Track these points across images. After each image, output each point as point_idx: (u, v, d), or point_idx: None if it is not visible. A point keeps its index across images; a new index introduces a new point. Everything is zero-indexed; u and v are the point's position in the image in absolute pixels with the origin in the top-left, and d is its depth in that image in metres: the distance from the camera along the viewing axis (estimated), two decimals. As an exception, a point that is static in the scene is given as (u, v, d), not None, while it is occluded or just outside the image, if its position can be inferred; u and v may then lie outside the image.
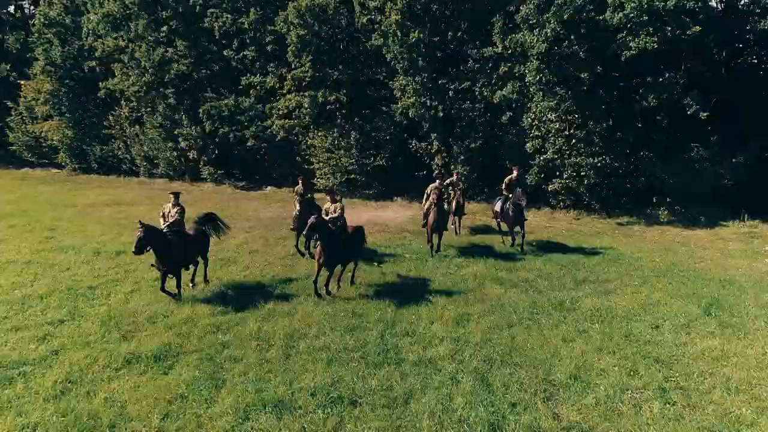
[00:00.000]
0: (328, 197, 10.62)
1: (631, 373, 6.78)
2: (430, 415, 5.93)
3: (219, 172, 23.92)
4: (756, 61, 17.67)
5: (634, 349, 7.43)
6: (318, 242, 9.67)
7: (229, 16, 21.07)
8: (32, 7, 33.22)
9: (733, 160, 16.70)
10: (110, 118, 26.23)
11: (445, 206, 13.14)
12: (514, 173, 13.55)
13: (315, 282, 9.59)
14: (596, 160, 16.43)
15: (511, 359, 7.21)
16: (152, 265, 9.52)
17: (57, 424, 5.81)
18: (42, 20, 26.17)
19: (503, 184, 13.64)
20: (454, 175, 15.40)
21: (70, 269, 11.49)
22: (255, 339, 7.89)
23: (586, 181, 16.69)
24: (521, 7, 15.76)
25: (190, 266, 10.33)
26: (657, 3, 14.08)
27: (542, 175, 17.21)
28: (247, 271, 11.41)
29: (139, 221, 9.11)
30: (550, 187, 17.23)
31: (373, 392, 6.42)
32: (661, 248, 13.36)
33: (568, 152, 16.66)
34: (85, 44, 25.89)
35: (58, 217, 16.97)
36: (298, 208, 12.11)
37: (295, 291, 9.95)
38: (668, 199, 16.65)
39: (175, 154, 24.57)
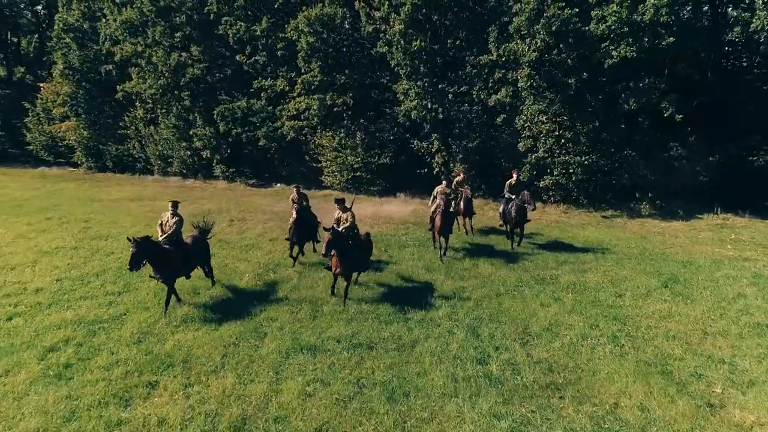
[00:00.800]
0: (338, 207, 10.38)
1: (592, 327, 8.61)
2: (431, 354, 7.74)
3: (231, 170, 25.75)
4: (732, 68, 19.62)
5: (598, 311, 9.26)
6: (332, 252, 9.40)
7: (242, 24, 22.90)
8: (43, 10, 35.12)
9: (711, 159, 18.56)
10: (126, 119, 28.04)
11: (451, 208, 13.16)
12: (514, 176, 14.31)
13: (333, 292, 9.97)
14: (583, 159, 18.27)
15: (497, 318, 9.04)
16: (150, 276, 9.57)
17: (142, 360, 7.63)
18: (61, 25, 27.98)
19: (505, 188, 14.27)
20: (461, 174, 15.88)
21: (114, 253, 13.29)
22: (286, 305, 9.71)
23: (574, 177, 18.53)
24: (514, 19, 17.59)
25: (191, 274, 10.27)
26: (635, 16, 15.94)
27: (534, 173, 19.04)
28: (270, 255, 13.20)
29: (129, 238, 8.93)
30: (542, 184, 19.05)
31: (386, 340, 8.25)
32: (638, 237, 15.19)
33: (557, 151, 18.50)
34: (103, 49, 27.72)
35: (88, 211, 18.80)
36: (294, 217, 12.08)
37: (313, 270, 11.74)
38: (649, 194, 18.47)
39: (188, 153, 26.40)
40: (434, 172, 20.88)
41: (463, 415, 6.17)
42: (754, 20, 15.45)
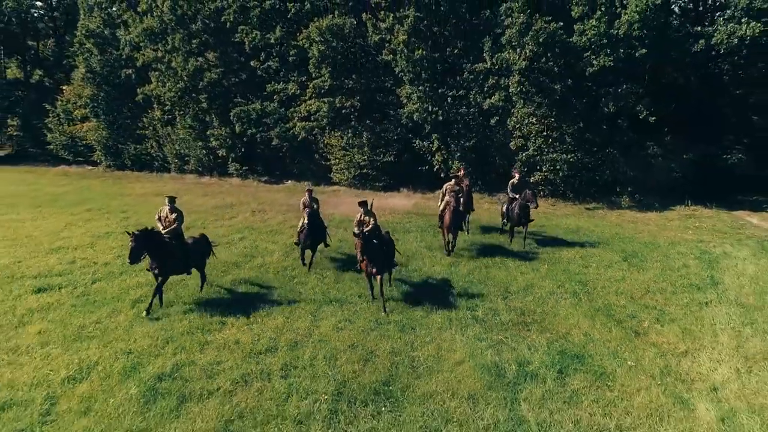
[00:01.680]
0: (362, 209, 10.97)
1: (559, 286, 11.14)
2: (431, 304, 10.24)
3: (244, 168, 28.29)
4: (707, 75, 22.16)
5: (566, 276, 11.80)
6: (364, 256, 10.01)
7: (258, 32, 25.47)
8: (61, 15, 37.69)
9: (684, 157, 21.15)
10: (144, 119, 30.60)
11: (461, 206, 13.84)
12: (516, 176, 15.33)
13: (373, 295, 10.41)
14: (569, 156, 20.84)
15: (484, 282, 11.57)
16: (148, 269, 10.12)
17: (209, 307, 10.13)
18: (83, 32, 30.56)
19: (508, 188, 15.29)
20: (461, 170, 16.67)
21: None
22: (313, 273, 12.24)
23: (561, 173, 21.09)
24: (506, 31, 20.20)
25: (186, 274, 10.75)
26: (612, 30, 18.54)
27: (525, 169, 21.56)
28: (292, 237, 15.70)
29: (128, 232, 9.53)
30: (531, 179, 21.57)
31: (396, 297, 10.77)
32: (614, 225, 17.74)
33: (545, 150, 21.06)
34: (123, 54, 30.30)
35: (122, 204, 21.34)
36: (305, 221, 12.45)
37: (331, 251, 14.24)
38: (629, 189, 21.05)
39: (204, 152, 28.95)
40: (434, 170, 23.44)
41: (454, 339, 8.69)
42: (715, 35, 18.03)
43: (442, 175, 23.26)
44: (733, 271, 12.09)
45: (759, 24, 17.35)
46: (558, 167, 20.99)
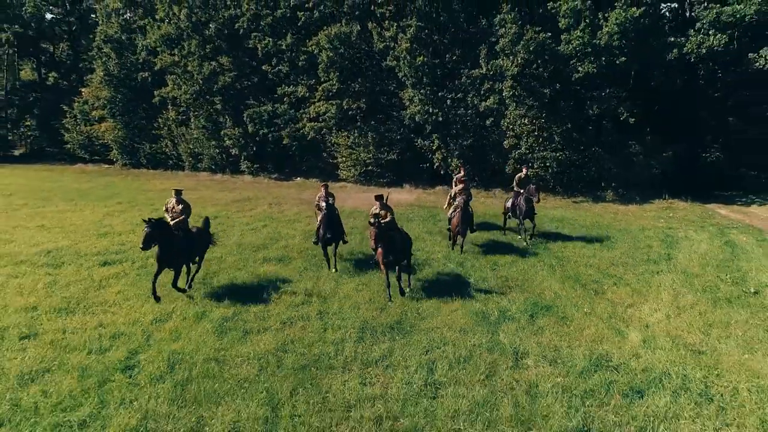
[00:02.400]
0: (378, 203, 11.72)
1: (539, 261, 13.64)
2: (432, 274, 12.74)
3: (255, 165, 30.83)
4: (686, 80, 24.72)
5: (546, 254, 14.30)
6: (379, 245, 10.77)
7: (270, 39, 28.02)
8: (76, 20, 40.23)
9: (664, 155, 23.70)
10: (159, 120, 33.13)
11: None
12: (523, 171, 16.55)
13: (388, 284, 11.03)
14: (558, 155, 23.37)
15: (477, 259, 14.06)
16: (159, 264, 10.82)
17: (251, 274, 12.62)
18: (102, 37, 33.11)
19: (514, 182, 16.41)
20: (461, 170, 17.39)
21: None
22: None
23: (550, 170, 23.62)
24: (500, 40, 22.75)
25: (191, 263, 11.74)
26: (594, 40, 21.10)
27: (517, 166, 24.08)
28: (309, 225, 18.20)
29: (145, 219, 10.43)
30: (518, 175, 24.09)
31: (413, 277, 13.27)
32: (596, 215, 20.27)
33: (536, 148, 23.60)
34: (139, 58, 32.84)
35: (148, 198, 23.85)
36: (323, 215, 13.04)
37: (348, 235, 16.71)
38: (612, 184, 23.58)
39: (217, 150, 31.47)
40: (434, 167, 26.00)
41: (451, 295, 11.18)
42: (686, 45, 20.60)
43: (441, 172, 25.86)
44: (687, 250, 14.63)
45: (724, 36, 19.92)
46: (548, 164, 23.52)
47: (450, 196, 15.48)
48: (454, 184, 16.53)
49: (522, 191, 15.67)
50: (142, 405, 6.93)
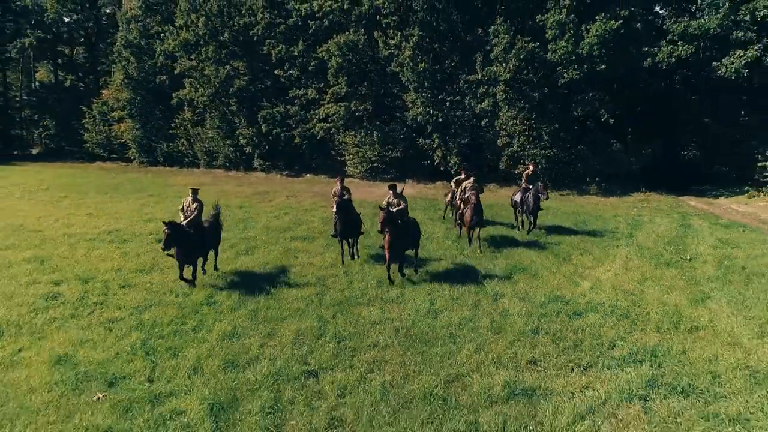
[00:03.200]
0: (391, 192, 13.08)
1: (528, 244, 16.96)
2: (438, 252, 16.03)
3: (267, 163, 34.15)
4: (665, 85, 28.13)
5: (532, 236, 17.61)
6: (386, 230, 11.82)
7: (282, 45, 31.38)
8: (93, 25, 43.60)
9: (643, 152, 27.12)
10: (176, 120, 36.45)
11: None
12: (530, 168, 18.36)
13: (389, 269, 12.44)
14: (546, 152, 26.72)
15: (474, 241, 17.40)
16: (169, 254, 12.14)
17: (284, 251, 15.92)
18: (122, 42, 36.46)
19: (522, 178, 18.23)
20: (462, 173, 18.18)
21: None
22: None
23: (540, 166, 26.85)
24: (494, 49, 26.13)
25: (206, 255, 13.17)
26: (577, 50, 24.49)
27: (510, 162, 27.49)
28: (326, 213, 21.49)
29: (164, 222, 11.67)
30: (516, 171, 27.48)
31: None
32: (578, 205, 23.60)
33: (527, 146, 26.95)
34: (157, 62, 36.18)
35: (175, 191, 27.10)
36: (334, 210, 14.04)
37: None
38: (596, 179, 26.92)
39: (231, 149, 34.79)
40: (435, 164, 29.33)
41: (448, 261, 14.46)
42: (658, 54, 24.00)
43: (441, 169, 29.19)
44: (648, 231, 17.99)
45: (691, 46, 23.32)
46: (537, 161, 26.78)
47: (461, 189, 16.90)
48: (454, 183, 18.48)
49: (530, 187, 17.37)
50: (230, 322, 10.22)
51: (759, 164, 23.83)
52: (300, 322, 10.22)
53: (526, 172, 18.23)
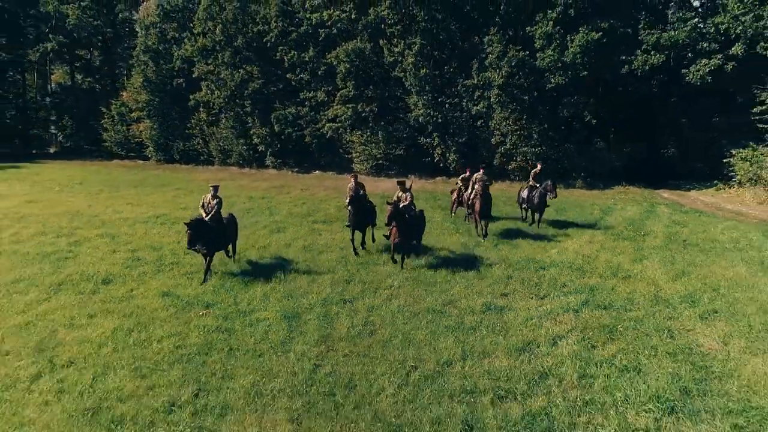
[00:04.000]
0: (399, 187, 14.94)
1: (520, 229, 20.83)
2: (442, 235, 19.89)
3: (278, 160, 38.04)
4: (646, 89, 32.03)
5: (520, 224, 21.47)
6: (393, 222, 13.47)
7: (294, 52, 35.31)
8: (106, 29, 47.49)
9: (624, 150, 31.04)
10: (192, 120, 40.34)
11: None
12: (538, 167, 20.17)
13: (394, 260, 14.50)
14: (536, 150, 30.64)
15: (461, 222, 21.28)
16: (191, 248, 13.12)
17: (312, 231, 19.77)
18: (142, 48, 40.38)
19: (530, 176, 20.08)
20: (467, 171, 20.88)
21: (252, 198, 25.41)
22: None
23: (530, 163, 30.84)
24: (488, 56, 30.08)
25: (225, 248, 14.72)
26: (563, 58, 28.43)
27: (504, 159, 31.41)
28: (339, 202, 25.32)
29: (186, 223, 12.84)
30: (509, 167, 31.40)
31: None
32: (563, 198, 27.46)
33: (518, 144, 30.88)
34: (175, 66, 40.09)
35: (198, 186, 30.95)
36: (347, 204, 15.86)
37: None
38: (582, 174, 30.87)
39: (245, 147, 38.68)
40: (435, 161, 33.22)
41: (446, 237, 18.31)
42: (634, 62, 27.94)
43: (441, 165, 33.09)
44: (616, 215, 21.88)
45: (662, 56, 27.27)
46: (528, 158, 30.78)
47: (473, 182, 19.05)
48: (460, 181, 21.18)
49: (538, 185, 19.29)
50: (280, 272, 14.03)
51: (724, 160, 27.67)
52: (333, 275, 14.05)
53: (534, 170, 20.19)
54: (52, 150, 49.09)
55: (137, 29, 41.85)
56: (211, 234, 13.30)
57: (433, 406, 7.77)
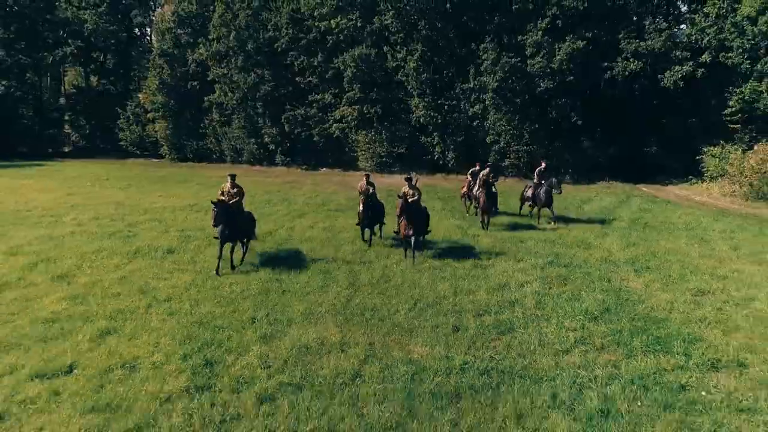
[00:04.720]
0: (407, 183, 16.40)
1: (514, 223, 24.82)
2: (438, 222, 23.87)
3: (287, 159, 42.04)
4: (630, 92, 36.09)
5: (515, 217, 25.46)
6: (403, 216, 15.44)
7: (304, 57, 39.35)
8: (121, 34, 51.50)
9: (609, 149, 35.12)
10: (205, 121, 44.33)
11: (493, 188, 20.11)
12: (543, 165, 21.43)
13: (405, 250, 16.08)
14: (528, 148, 34.70)
15: (458, 211, 25.27)
16: (215, 237, 14.77)
17: (330, 218, 23.73)
18: (158, 52, 44.38)
19: (535, 174, 21.47)
20: (477, 165, 23.12)
21: (270, 192, 29.40)
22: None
23: (522, 160, 34.92)
24: (483, 62, 34.15)
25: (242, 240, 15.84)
26: (551, 64, 32.50)
27: (498, 157, 35.45)
28: (349, 195, 29.26)
29: (212, 201, 14.36)
30: (503, 164, 35.43)
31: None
32: (551, 190, 31.45)
33: (511, 143, 34.93)
34: (189, 69, 44.09)
35: (217, 181, 34.84)
36: (361, 207, 17.53)
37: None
38: (570, 170, 34.89)
39: (255, 146, 42.67)
40: (435, 158, 37.26)
41: (444, 223, 22.28)
42: (615, 68, 32.02)
43: (440, 163, 37.12)
44: (594, 205, 25.92)
45: (640, 62, 31.35)
46: (520, 156, 34.85)
47: (479, 178, 20.92)
48: (470, 175, 23.33)
49: (543, 182, 20.67)
50: (307, 249, 17.96)
51: (697, 157, 31.71)
52: (353, 245, 18.02)
53: (538, 168, 21.46)
54: (66, 149, 52.99)
55: (151, 35, 45.79)
56: (233, 219, 14.51)
57: (432, 318, 11.76)
